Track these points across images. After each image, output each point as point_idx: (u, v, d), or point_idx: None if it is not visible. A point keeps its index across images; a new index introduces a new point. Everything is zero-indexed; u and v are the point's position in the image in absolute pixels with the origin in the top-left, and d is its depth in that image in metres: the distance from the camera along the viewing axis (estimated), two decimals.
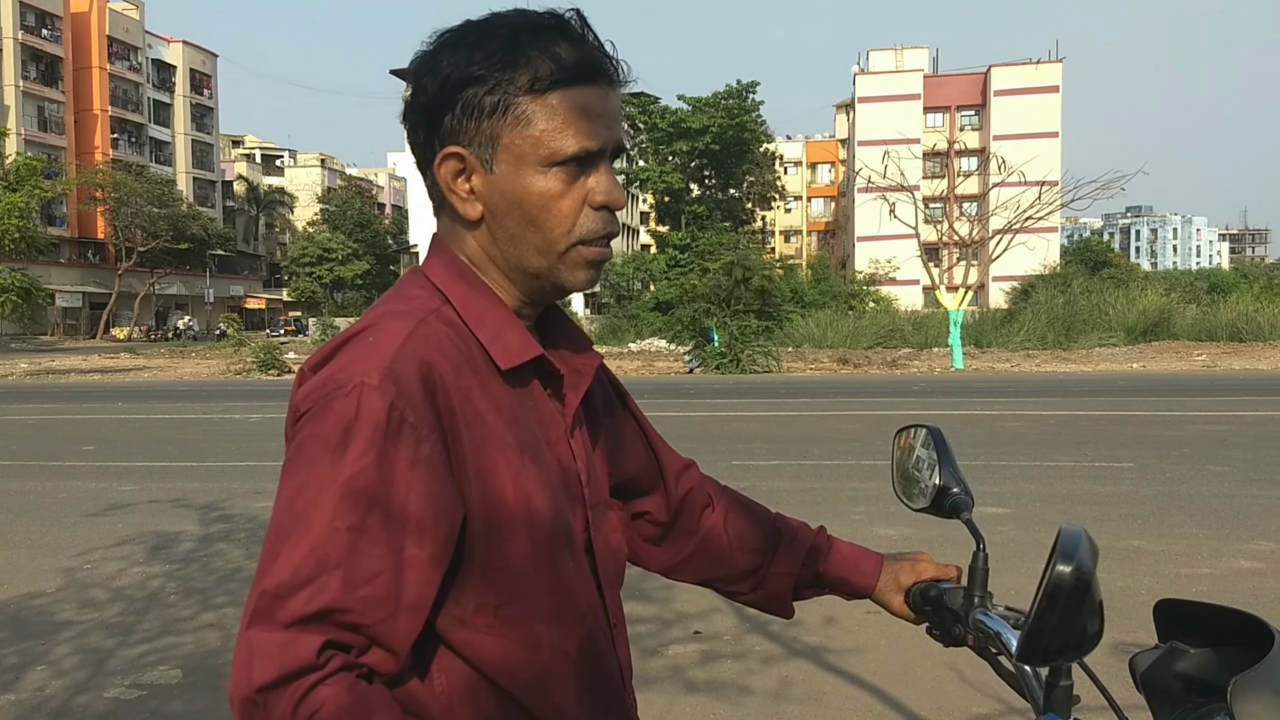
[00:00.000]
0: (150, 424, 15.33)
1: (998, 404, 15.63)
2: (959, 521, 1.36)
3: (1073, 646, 0.97)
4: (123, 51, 73.09)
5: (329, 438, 0.94)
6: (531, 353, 1.08)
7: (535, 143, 1.02)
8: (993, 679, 4.20)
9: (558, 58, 1.02)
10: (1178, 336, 31.58)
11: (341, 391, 0.95)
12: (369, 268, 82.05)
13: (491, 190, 1.05)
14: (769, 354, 26.82)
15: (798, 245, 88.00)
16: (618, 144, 1.07)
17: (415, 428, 0.95)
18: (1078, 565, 0.93)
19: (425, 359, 0.99)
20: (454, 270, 1.09)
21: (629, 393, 1.34)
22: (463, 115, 1.04)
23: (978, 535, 1.31)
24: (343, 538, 0.91)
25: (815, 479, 8.93)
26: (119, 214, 63.60)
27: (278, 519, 0.94)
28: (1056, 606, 0.94)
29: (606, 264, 1.11)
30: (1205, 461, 9.54)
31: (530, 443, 1.05)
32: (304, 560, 0.91)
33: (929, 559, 1.41)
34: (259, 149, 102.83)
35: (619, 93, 1.08)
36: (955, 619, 1.30)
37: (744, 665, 4.37)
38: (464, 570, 1.01)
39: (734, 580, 1.42)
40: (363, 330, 1.02)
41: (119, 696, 4.12)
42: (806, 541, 1.43)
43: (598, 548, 1.13)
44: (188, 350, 42.42)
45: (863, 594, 1.42)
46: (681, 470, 1.39)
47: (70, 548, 6.80)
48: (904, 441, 1.54)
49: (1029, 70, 68.14)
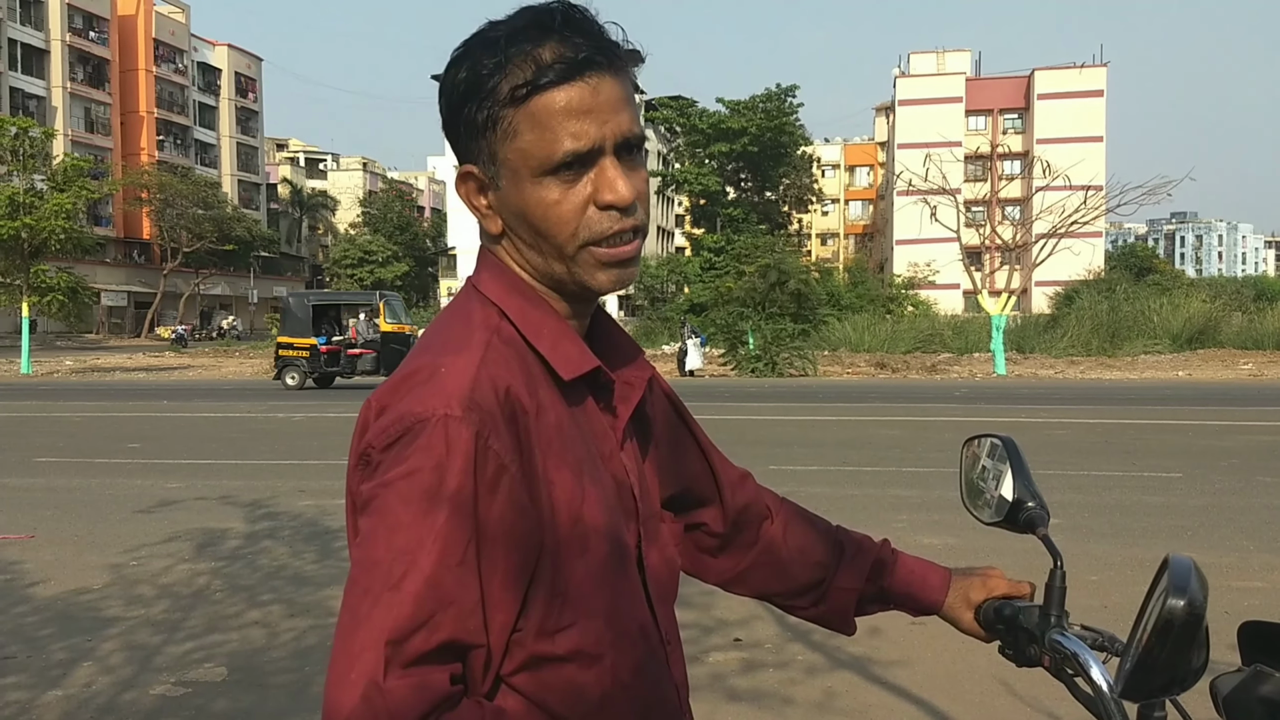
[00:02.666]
0: (195, 422, 15.52)
1: (1042, 411, 15.44)
2: (1020, 536, 1.32)
3: (1177, 682, 0.93)
4: (169, 54, 74.21)
5: (422, 476, 0.92)
6: (589, 364, 1.06)
7: (523, 154, 0.99)
8: (1041, 693, 4.10)
9: (537, 60, 0.98)
10: (1223, 344, 31.07)
11: (425, 426, 0.93)
12: (408, 269, 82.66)
13: (502, 205, 1.04)
14: (805, 357, 26.67)
15: (834, 248, 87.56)
16: (620, 136, 1.00)
17: (499, 455, 0.94)
18: (1190, 600, 0.89)
19: (501, 384, 0.98)
20: (506, 282, 1.07)
21: (683, 402, 1.31)
22: (466, 134, 1.03)
23: (1055, 552, 1.27)
24: (453, 574, 0.91)
25: (856, 485, 8.86)
26: (164, 215, 64.53)
27: (375, 560, 0.92)
28: (1167, 642, 0.90)
29: (636, 263, 1.06)
30: (1254, 472, 9.37)
31: (587, 459, 1.04)
32: (423, 602, 0.90)
33: (1000, 574, 1.37)
34: (302, 152, 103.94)
35: (620, 79, 1.01)
36: (1030, 639, 1.27)
37: (787, 675, 4.33)
38: (530, 595, 0.98)
39: (794, 595, 1.39)
40: (432, 361, 1.00)
41: (164, 694, 4.15)
42: (871, 555, 1.39)
43: (649, 563, 1.11)
44: (232, 349, 42.93)
45: (930, 610, 1.38)
46: (738, 481, 1.36)
47: (117, 544, 6.88)
48: (971, 451, 1.50)
49: (1073, 74, 67.41)
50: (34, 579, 5.99)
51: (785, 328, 28.70)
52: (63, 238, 30.11)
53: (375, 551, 0.92)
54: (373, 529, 0.93)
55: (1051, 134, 63.21)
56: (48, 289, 30.38)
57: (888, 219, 72.41)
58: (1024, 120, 70.59)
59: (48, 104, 63.65)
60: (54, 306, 31.04)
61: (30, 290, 30.06)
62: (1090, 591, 5.34)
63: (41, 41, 64.09)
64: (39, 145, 31.78)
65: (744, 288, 38.00)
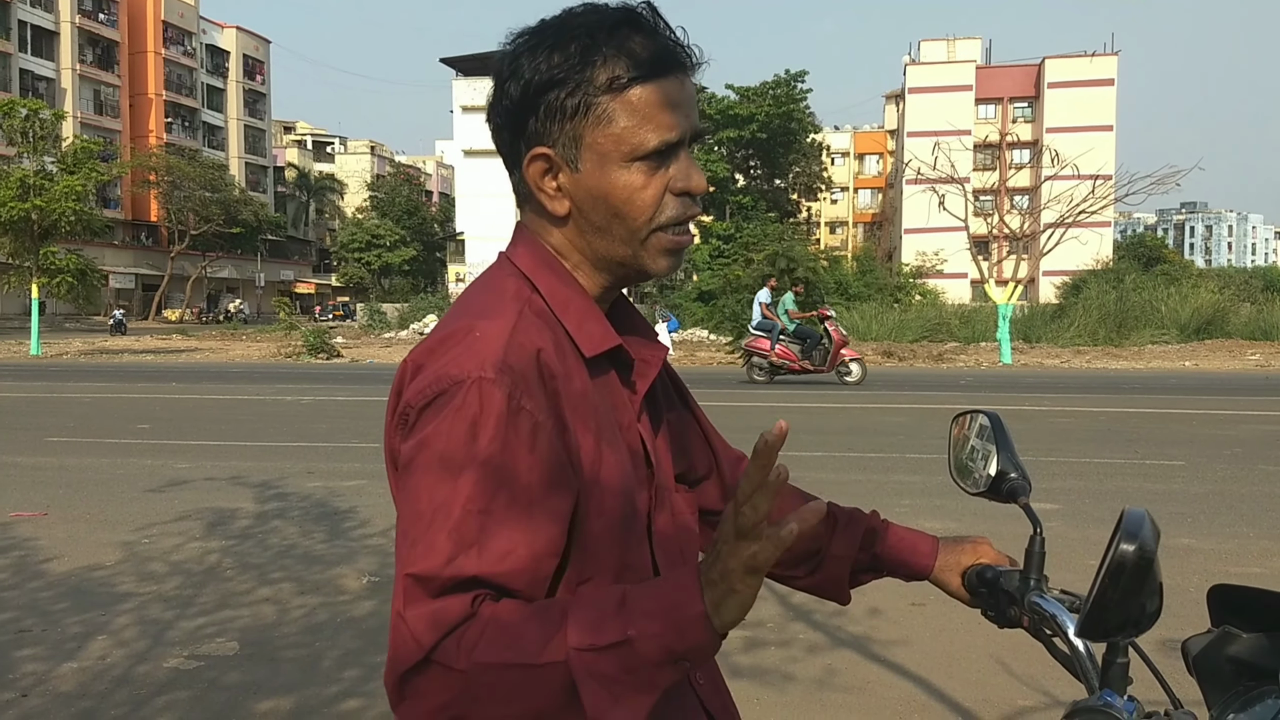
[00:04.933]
0: (204, 404, 15.63)
1: (1047, 399, 15.48)
2: (1015, 509, 1.39)
3: (1131, 624, 1.00)
4: (177, 37, 74.25)
5: (456, 432, 0.99)
6: (611, 341, 1.13)
7: (617, 140, 1.06)
8: (1038, 671, 4.18)
9: (633, 54, 1.05)
10: (1231, 335, 31.02)
11: (460, 387, 1.00)
12: (416, 254, 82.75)
13: (578, 187, 1.09)
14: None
15: (843, 237, 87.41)
16: (696, 131, 1.10)
17: (532, 414, 1.01)
18: (1140, 544, 0.96)
19: (532, 347, 1.04)
20: (540, 258, 1.14)
21: (686, 386, 1.38)
22: (546, 118, 1.08)
23: (1035, 519, 1.33)
24: (476, 520, 0.97)
25: (860, 471, 8.92)
26: (172, 197, 64.71)
27: (415, 508, 1.00)
28: (1119, 584, 0.97)
29: (686, 253, 1.14)
30: (1257, 461, 9.41)
31: (607, 426, 1.10)
32: (444, 543, 0.97)
33: (989, 543, 1.43)
34: (310, 135, 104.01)
35: (693, 79, 1.11)
36: (1011, 601, 1.33)
37: (788, 653, 4.40)
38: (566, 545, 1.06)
39: (791, 564, 1.45)
40: (468, 324, 1.06)
41: (178, 666, 4.24)
42: (862, 524, 1.46)
43: (657, 528, 1.17)
44: (238, 333, 43.08)
45: (920, 575, 1.44)
46: (736, 461, 1.44)
47: (129, 522, 6.98)
48: (960, 427, 1.57)
49: (1084, 63, 67.09)
50: (48, 555, 6.08)
51: None
52: (73, 220, 30.22)
53: (419, 504, 1.00)
54: (415, 485, 1.01)
55: (1061, 123, 63.00)
56: (57, 271, 30.53)
57: (896, 207, 72.26)
58: (1034, 109, 70.31)
59: (57, 86, 63.76)
60: (63, 289, 31.18)
61: (39, 272, 30.20)
62: (1087, 575, 5.40)
63: (51, 23, 64.15)
64: (49, 127, 31.88)
65: (752, 275, 37.96)
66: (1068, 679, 3.95)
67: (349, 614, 5.00)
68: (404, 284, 79.85)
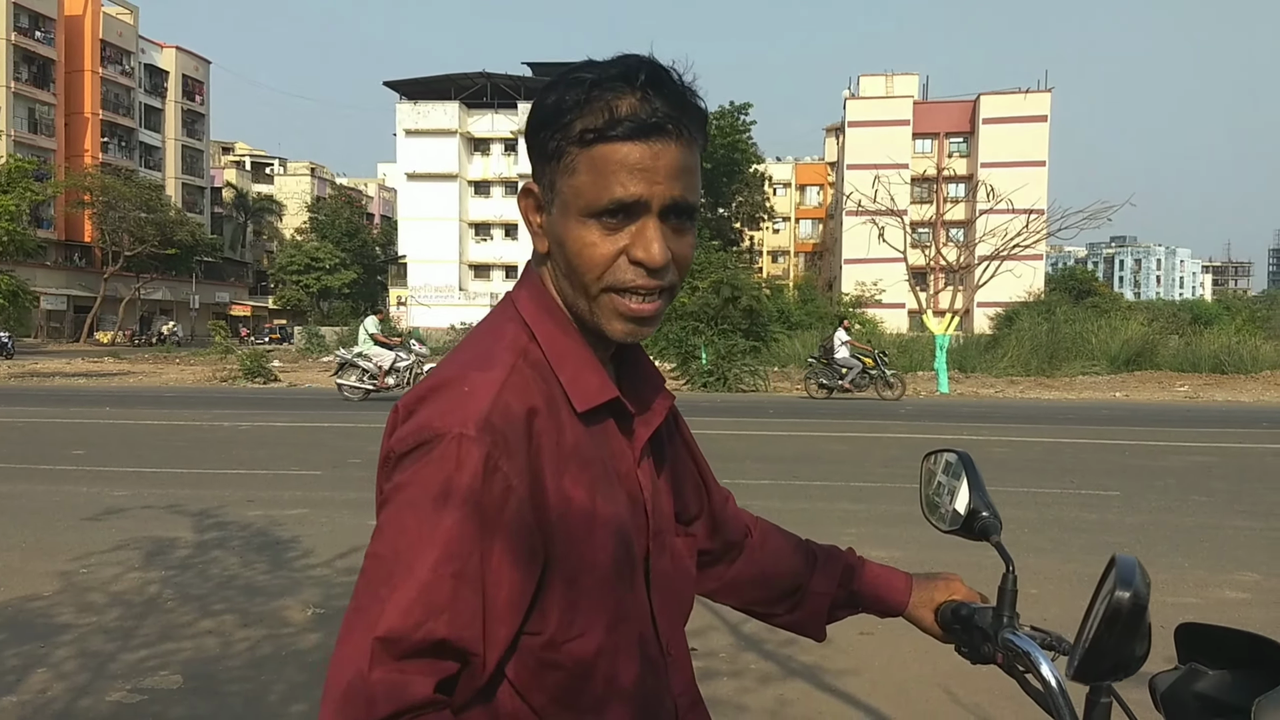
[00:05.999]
0: (139, 429, 15.30)
1: (984, 429, 15.75)
2: (962, 549, 1.43)
3: (1122, 667, 1.04)
4: (115, 55, 73.09)
5: (430, 486, 1.00)
6: (607, 395, 1.13)
7: (576, 192, 1.06)
8: (984, 699, 4.24)
9: (613, 111, 1.05)
10: (1160, 367, 31.76)
11: (440, 441, 1.01)
12: (356, 277, 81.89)
13: (550, 229, 1.11)
14: (756, 373, 26.91)
15: (785, 266, 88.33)
16: (671, 200, 1.06)
17: (507, 476, 1.01)
18: (1135, 592, 1.01)
19: (517, 409, 1.04)
20: (542, 305, 1.15)
21: (687, 425, 1.40)
22: (536, 155, 1.11)
23: (1007, 558, 1.38)
24: (447, 584, 0.98)
25: (806, 499, 9.00)
26: (106, 218, 63.40)
27: (381, 559, 1.01)
28: (1115, 630, 1.01)
29: (655, 323, 1.12)
30: (1190, 492, 9.66)
31: (603, 477, 1.11)
32: (413, 605, 0.97)
33: (960, 580, 1.48)
34: (249, 156, 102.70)
35: (685, 147, 1.07)
36: (984, 638, 1.37)
37: (740, 684, 4.42)
38: (544, 604, 1.06)
39: (773, 602, 1.48)
40: (461, 374, 1.07)
41: (121, 700, 4.15)
42: (840, 562, 1.50)
43: (655, 573, 1.18)
44: (172, 356, 42.26)
45: (895, 611, 1.49)
46: (724, 499, 1.46)
47: (66, 552, 6.81)
48: (930, 465, 1.60)
49: (1018, 99, 68.71)
50: None
51: (737, 343, 28.88)
52: (5, 240, 29.52)
53: (381, 548, 1.01)
54: (382, 527, 1.02)
55: (996, 158, 64.35)
56: None
57: (836, 238, 73.19)
58: (969, 144, 71.78)
59: None
60: None
61: None
62: (1030, 604, 5.50)
63: None
64: None
65: (697, 303, 38.18)
66: (1013, 708, 4.05)
67: (294, 647, 4.92)
68: (344, 307, 78.96)
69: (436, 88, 71.90)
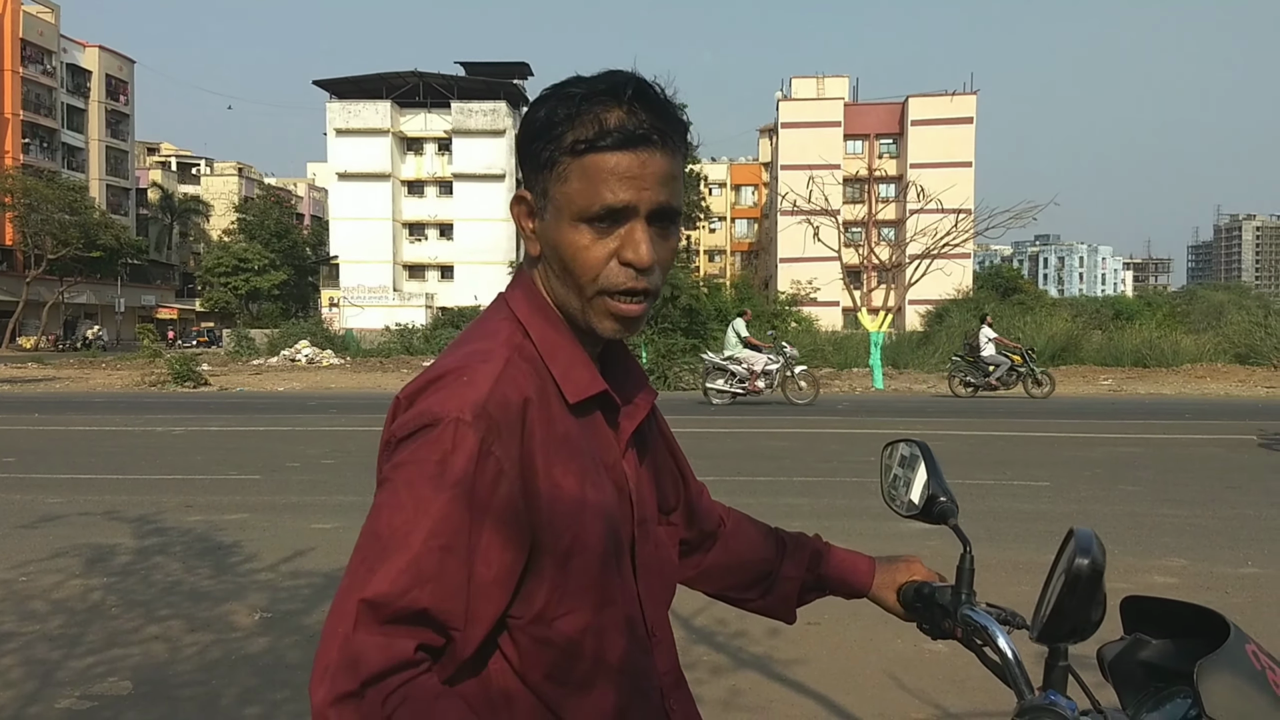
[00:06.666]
0: (70, 435, 14.97)
1: (919, 423, 16.07)
2: (904, 541, 1.53)
3: (1080, 630, 1.14)
4: (36, 55, 71.20)
5: (426, 465, 1.07)
6: (596, 388, 1.21)
7: (568, 198, 1.14)
8: (928, 685, 4.38)
9: (602, 123, 1.12)
10: (1084, 361, 32.53)
11: (438, 425, 1.08)
12: (286, 278, 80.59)
13: (542, 234, 1.19)
14: (696, 372, 27.08)
15: (721, 265, 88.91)
16: (657, 206, 1.14)
17: (500, 461, 1.08)
18: (1093, 559, 1.11)
19: (512, 399, 1.12)
20: (534, 304, 1.22)
21: (666, 420, 1.48)
22: (528, 165, 1.19)
23: (964, 539, 1.47)
24: (435, 556, 1.05)
25: (750, 495, 9.12)
26: (28, 220, 61.67)
27: (376, 532, 1.06)
28: (1075, 594, 1.11)
29: (641, 323, 1.20)
30: (1117, 482, 9.98)
31: (590, 468, 1.18)
32: (402, 573, 1.04)
33: (920, 562, 1.57)
34: (175, 157, 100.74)
35: (670, 156, 1.15)
36: (944, 614, 1.46)
37: (693, 675, 4.50)
38: (533, 584, 1.13)
39: (746, 588, 1.57)
40: (458, 367, 1.14)
41: (71, 707, 4.11)
42: (808, 547, 1.59)
43: (640, 562, 1.26)
44: (98, 360, 41.28)
45: (860, 593, 1.58)
46: (699, 491, 1.55)
47: (3, 560, 6.68)
48: (890, 453, 1.70)
49: (945, 101, 69.89)
50: None
51: (677, 342, 29.08)
52: None
53: (378, 525, 1.07)
54: (380, 505, 1.09)
55: (924, 159, 65.41)
56: None
57: (772, 237, 73.84)
58: (899, 145, 72.84)
59: None
60: None
61: None
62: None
63: None
64: None
65: None
66: (957, 692, 4.23)
67: (243, 650, 4.90)
68: (274, 309, 77.59)
69: (368, 86, 71.02)
